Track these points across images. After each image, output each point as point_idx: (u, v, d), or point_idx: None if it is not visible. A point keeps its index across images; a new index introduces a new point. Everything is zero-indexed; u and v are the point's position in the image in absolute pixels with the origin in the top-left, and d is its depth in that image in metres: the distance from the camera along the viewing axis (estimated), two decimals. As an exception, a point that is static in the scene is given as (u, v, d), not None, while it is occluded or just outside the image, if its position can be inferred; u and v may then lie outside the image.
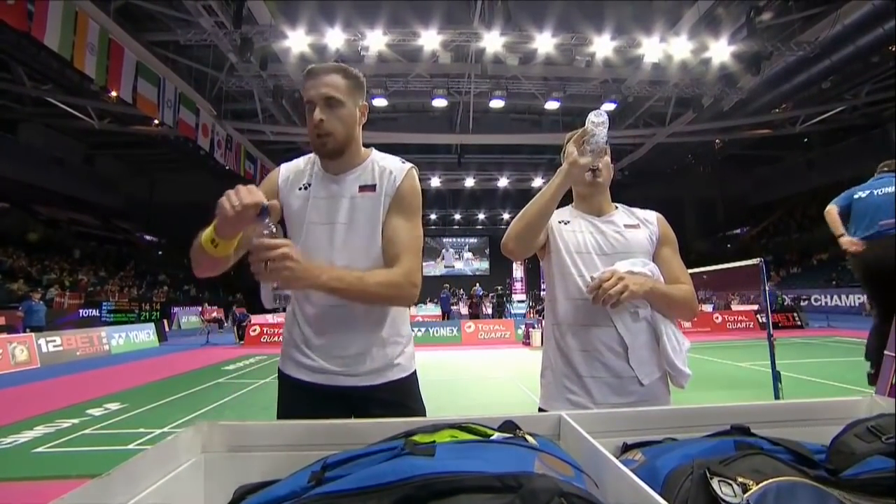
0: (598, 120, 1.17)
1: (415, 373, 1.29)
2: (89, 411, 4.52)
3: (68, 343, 8.69)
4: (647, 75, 11.96)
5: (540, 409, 1.25)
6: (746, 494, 0.52)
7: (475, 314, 16.03)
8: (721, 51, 10.28)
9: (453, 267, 30.26)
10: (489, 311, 17.48)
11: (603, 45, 10.30)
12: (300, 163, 1.29)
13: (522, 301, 24.53)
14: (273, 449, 0.82)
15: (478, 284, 21.86)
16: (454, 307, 18.12)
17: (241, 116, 14.74)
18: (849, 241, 3.22)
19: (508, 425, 0.76)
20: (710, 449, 0.68)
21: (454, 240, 30.57)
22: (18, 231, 16.46)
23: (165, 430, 3.87)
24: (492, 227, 30.24)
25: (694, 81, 12.33)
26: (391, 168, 1.21)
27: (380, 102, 12.78)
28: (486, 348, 10.23)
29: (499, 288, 19.73)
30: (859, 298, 14.78)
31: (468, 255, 30.71)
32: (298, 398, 1.23)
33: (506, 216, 28.93)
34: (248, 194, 0.98)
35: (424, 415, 1.29)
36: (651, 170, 20.60)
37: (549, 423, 0.83)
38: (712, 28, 10.48)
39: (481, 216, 28.86)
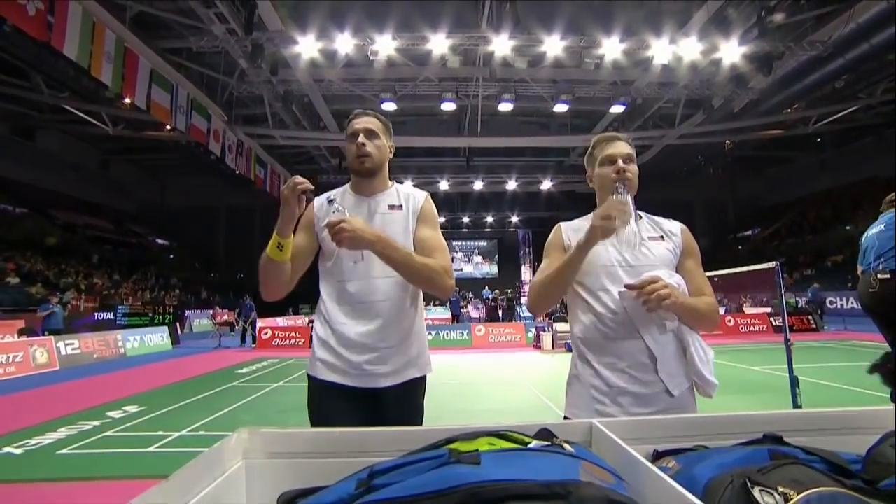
0: (625, 198, 1.18)
1: (425, 377, 1.44)
2: (109, 413, 4.61)
3: (86, 346, 8.86)
4: (657, 77, 11.91)
5: (565, 419, 1.25)
6: (788, 504, 0.53)
7: (493, 317, 15.99)
8: (732, 51, 10.20)
9: (461, 270, 30.25)
10: (499, 313, 17.46)
11: (612, 47, 10.28)
12: (331, 193, 1.47)
13: (531, 304, 24.46)
14: (313, 456, 0.85)
15: (487, 287, 21.88)
16: (463, 310, 18.11)
17: (251, 121, 14.93)
18: None
19: (544, 433, 0.78)
20: (744, 458, 0.69)
21: (463, 243, 30.57)
22: (36, 235, 16.80)
23: (184, 433, 3.92)
24: (500, 230, 30.19)
25: (704, 83, 12.24)
26: (413, 193, 1.46)
27: (389, 107, 12.86)
28: (497, 352, 10.22)
29: (508, 291, 19.70)
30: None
31: (478, 258, 30.68)
32: (327, 400, 1.34)
33: (514, 219, 28.88)
34: (303, 181, 1.28)
35: (423, 415, 1.43)
36: (660, 172, 20.43)
37: (580, 431, 0.85)
38: (723, 29, 10.41)
39: (490, 219, 28.83)
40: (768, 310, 13.05)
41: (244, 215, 26.77)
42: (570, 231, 1.34)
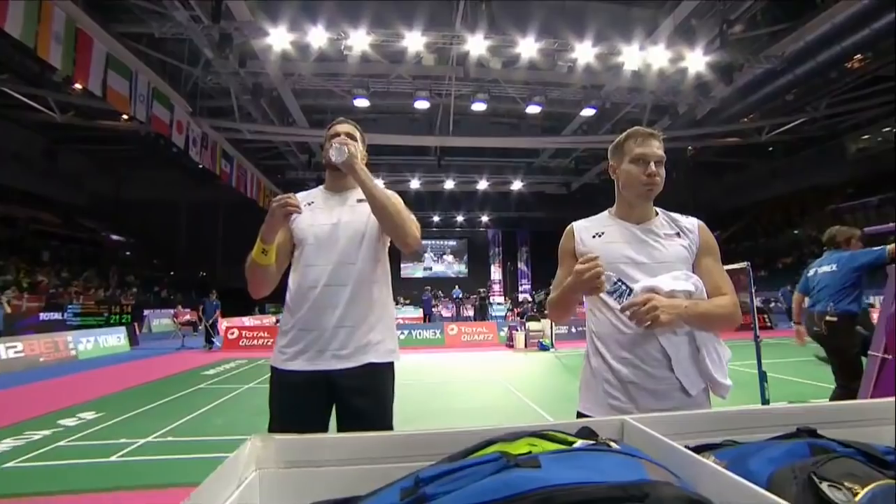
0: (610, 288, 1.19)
1: (390, 365, 1.49)
2: (62, 421, 4.25)
3: (30, 349, 8.18)
4: (627, 82, 12.27)
5: (579, 413, 1.24)
6: (857, 499, 0.53)
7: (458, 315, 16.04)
8: (696, 60, 10.65)
9: (432, 269, 30.21)
10: (470, 312, 17.53)
11: (584, 52, 10.51)
12: (303, 194, 1.60)
13: (501, 303, 24.78)
14: (333, 464, 0.79)
15: (457, 286, 21.95)
16: (435, 309, 18.07)
17: (217, 114, 14.30)
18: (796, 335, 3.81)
19: (586, 432, 0.75)
20: (786, 452, 0.68)
21: (433, 242, 30.52)
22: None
23: (150, 439, 3.68)
24: (471, 230, 30.35)
25: (670, 89, 12.73)
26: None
27: (361, 103, 12.65)
28: (469, 351, 10.25)
29: (481, 290, 19.83)
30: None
31: (448, 257, 30.71)
32: (284, 389, 1.42)
33: (484, 218, 29.10)
34: (295, 203, 1.38)
35: (391, 412, 1.47)
36: (627, 175, 21.09)
37: (611, 428, 0.83)
38: (688, 38, 10.86)
39: (460, 218, 28.93)
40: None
41: (207, 211, 25.64)
42: (583, 232, 1.33)
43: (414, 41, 10.35)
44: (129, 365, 8.35)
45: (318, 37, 10.06)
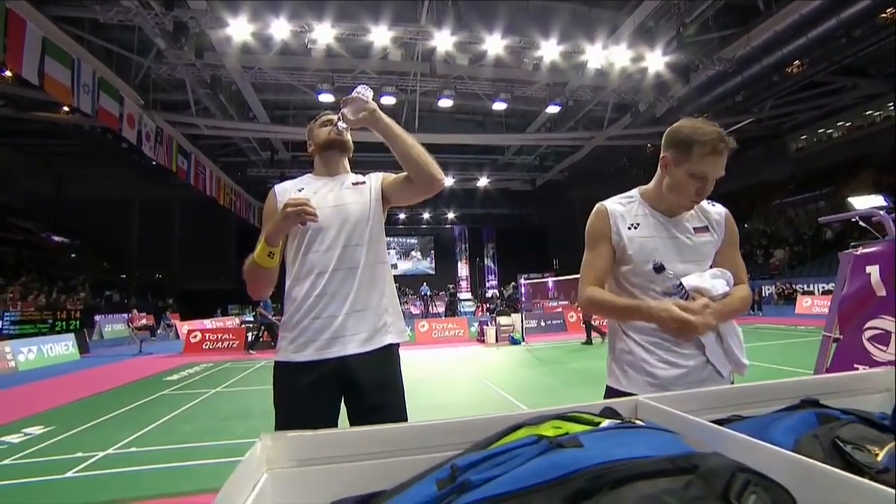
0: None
1: (398, 346, 1.46)
2: (4, 438, 3.90)
3: (-38, 360, 7.48)
4: (590, 80, 12.61)
5: (609, 388, 1.26)
6: (879, 459, 0.56)
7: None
8: (656, 61, 11.09)
9: (397, 267, 30.03)
10: (440, 309, 17.54)
11: (550, 50, 10.71)
12: (291, 182, 1.57)
13: (469, 299, 24.96)
14: (348, 459, 0.76)
15: (424, 283, 21.93)
16: (404, 306, 17.97)
17: (172, 108, 13.55)
18: None
19: (609, 412, 0.75)
20: (798, 422, 0.71)
21: (400, 239, 30.32)
22: None
23: (110, 451, 3.43)
24: (437, 227, 30.36)
25: (631, 88, 13.18)
26: (370, 175, 1.57)
27: (326, 98, 12.34)
28: (441, 347, 10.25)
29: (450, 287, 19.90)
30: (768, 289, 16.66)
31: (415, 254, 30.60)
32: (292, 384, 1.34)
33: (450, 215, 29.17)
34: (313, 212, 1.32)
35: (403, 391, 1.43)
36: (590, 171, 21.75)
37: (626, 408, 0.84)
38: (648, 39, 11.29)
39: (426, 215, 28.89)
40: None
41: (162, 210, 24.32)
42: (619, 219, 1.25)
43: (380, 36, 10.20)
44: (80, 374, 7.77)
45: (280, 29, 9.72)
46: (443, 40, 10.42)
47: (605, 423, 0.70)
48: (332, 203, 1.44)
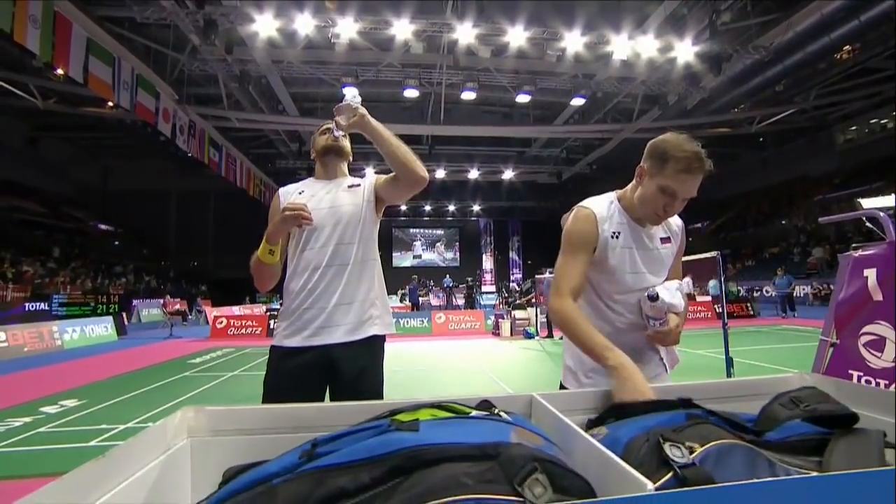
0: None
1: (384, 339, 1.59)
2: (43, 409, 4.29)
3: (14, 339, 8.16)
4: (616, 72, 12.26)
5: (561, 385, 1.34)
6: (693, 455, 0.60)
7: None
8: (686, 50, 10.66)
9: (421, 257, 30.25)
10: (461, 301, 17.62)
11: (573, 41, 10.48)
12: (294, 185, 1.71)
13: (492, 292, 24.93)
14: (258, 432, 0.86)
15: (447, 276, 22.03)
16: (423, 298, 18.15)
17: (205, 102, 14.11)
18: None
19: (485, 404, 0.82)
20: (664, 421, 0.76)
21: (425, 231, 30.54)
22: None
23: (130, 425, 3.74)
24: (462, 219, 30.36)
25: (660, 79, 12.74)
26: (366, 177, 1.70)
27: (350, 92, 12.52)
28: (456, 339, 10.36)
29: (469, 279, 19.92)
30: (804, 289, 15.86)
31: (439, 246, 30.77)
32: (279, 367, 1.47)
33: (476, 208, 29.11)
34: (308, 216, 1.47)
35: (382, 380, 1.55)
36: (618, 165, 21.11)
37: (521, 403, 0.90)
38: (678, 28, 10.86)
39: (452, 208, 28.91)
40: (709, 298, 13.94)
41: (198, 201, 25.43)
42: (605, 225, 1.22)
43: (402, 29, 10.26)
44: (116, 354, 8.36)
45: (305, 24, 9.94)
46: (465, 32, 10.38)
47: (473, 413, 0.77)
48: (329, 205, 1.57)
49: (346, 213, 1.56)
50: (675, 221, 1.31)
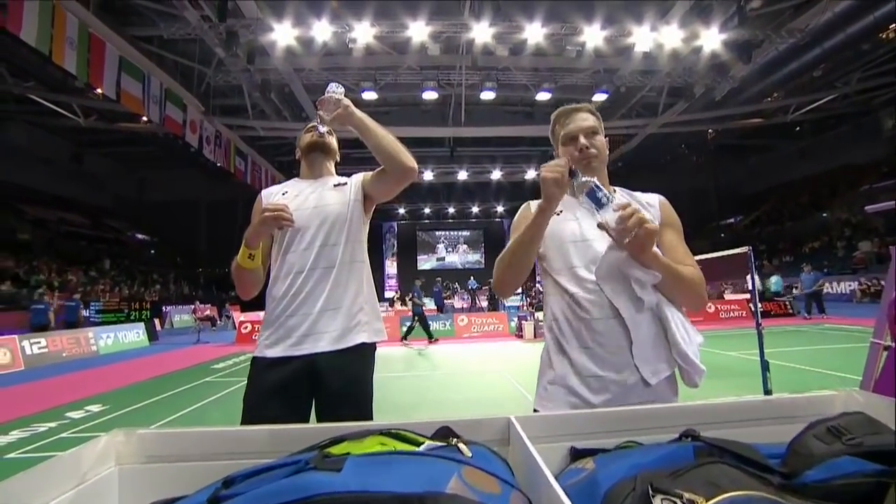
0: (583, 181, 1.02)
1: (374, 347, 1.47)
2: (69, 414, 4.42)
3: (54, 344, 8.55)
4: (639, 65, 11.86)
5: (535, 411, 1.15)
6: (689, 513, 0.46)
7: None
8: (712, 39, 10.19)
9: (444, 260, 30.24)
10: (484, 304, 17.43)
11: (593, 35, 10.19)
12: (277, 186, 1.63)
13: (517, 293, 24.60)
14: (197, 458, 0.76)
15: (472, 278, 21.88)
16: (448, 301, 18.06)
17: (230, 112, 14.52)
18: None
19: (443, 432, 0.69)
20: (666, 456, 0.61)
21: (448, 233, 30.51)
22: (5, 232, 16.22)
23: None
24: (486, 220, 30.19)
25: (685, 71, 12.24)
26: (353, 176, 1.61)
27: (369, 96, 12.61)
28: (479, 341, 10.19)
29: (490, 281, 19.68)
30: (850, 286, 14.88)
31: (463, 247, 30.69)
32: (260, 380, 1.36)
33: (499, 209, 28.85)
34: (288, 218, 1.37)
35: (372, 392, 1.43)
36: (644, 161, 20.56)
37: (497, 428, 0.77)
38: (703, 16, 10.39)
39: (475, 209, 28.78)
40: (748, 296, 13.24)
41: (226, 209, 26.22)
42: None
43: (418, 31, 10.24)
44: (145, 360, 8.63)
45: (322, 31, 10.05)
46: (482, 32, 10.26)
47: (425, 445, 0.64)
48: (313, 204, 1.48)
49: (332, 213, 1.46)
50: (647, 195, 1.25)
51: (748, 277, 3.68)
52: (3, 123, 17.70)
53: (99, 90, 10.44)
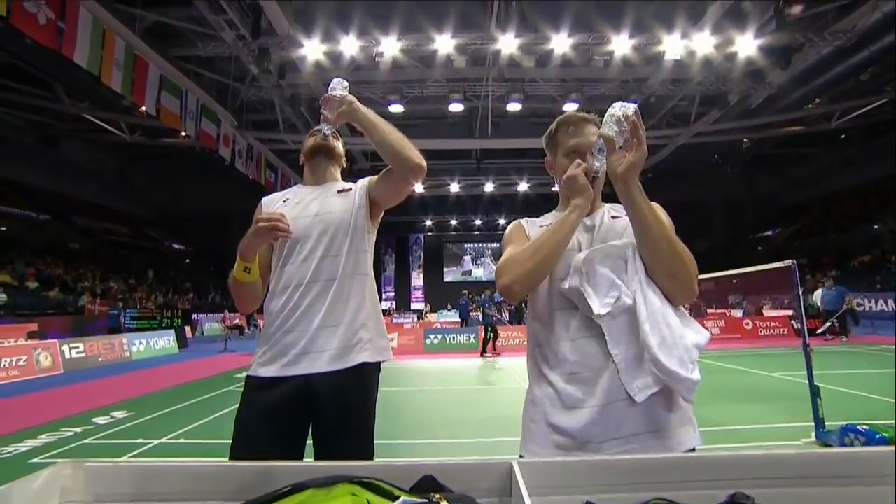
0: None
1: (378, 367, 1.35)
2: (95, 419, 4.51)
3: (91, 349, 8.89)
4: (669, 73, 11.54)
5: (521, 457, 1.00)
6: None
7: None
8: (747, 45, 9.80)
9: (471, 273, 30.09)
10: (507, 317, 17.08)
11: (621, 44, 9.99)
12: (279, 193, 1.56)
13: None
14: (147, 498, 0.68)
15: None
16: (473, 314, 17.81)
17: (262, 126, 15.02)
18: None
19: (426, 482, 0.57)
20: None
21: (475, 245, 30.41)
22: (57, 241, 17.24)
23: (163, 440, 3.79)
24: (512, 233, 29.95)
25: (719, 78, 11.82)
26: (358, 181, 1.51)
27: (396, 109, 12.75)
28: (504, 356, 9.96)
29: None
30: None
31: (489, 260, 30.51)
32: (252, 402, 1.26)
33: (527, 221, 28.57)
34: (285, 227, 1.31)
35: (374, 419, 1.32)
36: (675, 172, 19.94)
37: (495, 475, 0.64)
38: (737, 22, 10.02)
39: (502, 221, 28.56)
40: (789, 312, 12.46)
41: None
42: (530, 225, 1.19)
43: (444, 44, 10.31)
44: (173, 367, 8.84)
45: (350, 45, 10.27)
46: (507, 43, 10.24)
47: (401, 499, 0.53)
48: (315, 212, 1.39)
49: (335, 221, 1.37)
50: None
51: (794, 293, 3.38)
52: (61, 140, 18.97)
53: (143, 108, 11.05)
